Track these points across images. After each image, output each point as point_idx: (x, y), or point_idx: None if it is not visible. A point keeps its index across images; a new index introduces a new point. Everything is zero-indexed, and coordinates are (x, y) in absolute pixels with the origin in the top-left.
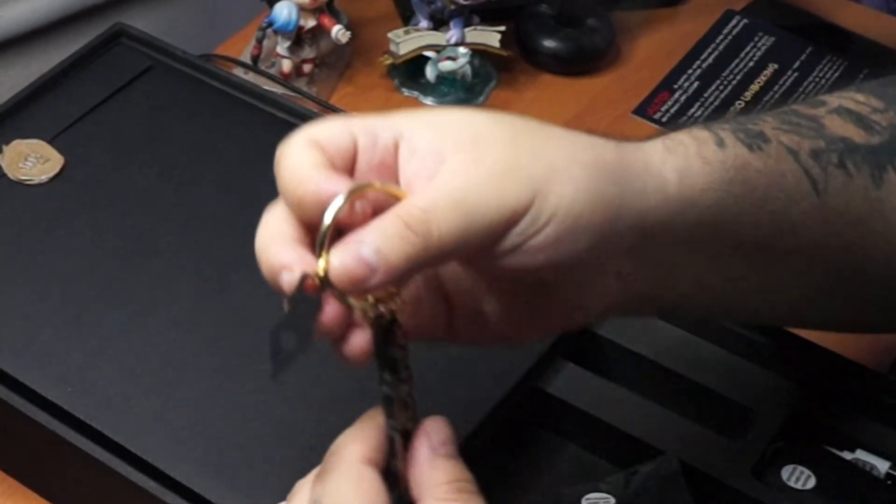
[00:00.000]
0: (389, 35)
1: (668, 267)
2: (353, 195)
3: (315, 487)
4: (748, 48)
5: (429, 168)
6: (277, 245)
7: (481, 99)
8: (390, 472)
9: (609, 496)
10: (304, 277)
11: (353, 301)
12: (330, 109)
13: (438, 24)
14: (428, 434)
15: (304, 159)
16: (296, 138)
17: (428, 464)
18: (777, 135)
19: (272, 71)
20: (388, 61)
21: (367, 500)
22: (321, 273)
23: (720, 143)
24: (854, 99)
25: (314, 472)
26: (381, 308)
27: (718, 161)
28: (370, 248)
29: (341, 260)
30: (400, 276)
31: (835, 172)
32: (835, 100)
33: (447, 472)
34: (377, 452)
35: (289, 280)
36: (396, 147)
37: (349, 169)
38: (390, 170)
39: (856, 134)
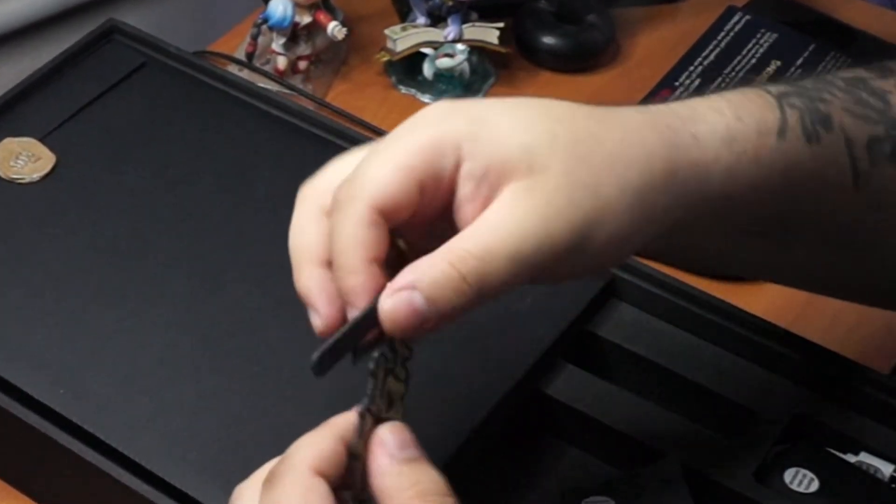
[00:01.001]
0: (386, 31)
1: (690, 246)
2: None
3: (264, 494)
4: (750, 45)
5: (483, 194)
6: (311, 268)
7: (479, 96)
8: (348, 476)
9: (609, 499)
10: None
11: None
12: (325, 107)
13: (436, 20)
14: (383, 442)
15: (360, 246)
16: (359, 204)
17: (389, 472)
18: (842, 118)
19: (267, 68)
20: (385, 58)
21: None
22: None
23: (781, 134)
24: None
25: (258, 474)
26: None
27: (771, 160)
28: (422, 298)
29: (393, 307)
30: (449, 321)
31: (883, 164)
32: None
33: (409, 478)
34: (329, 464)
35: (316, 325)
36: (458, 168)
37: (414, 214)
38: (451, 190)
39: None
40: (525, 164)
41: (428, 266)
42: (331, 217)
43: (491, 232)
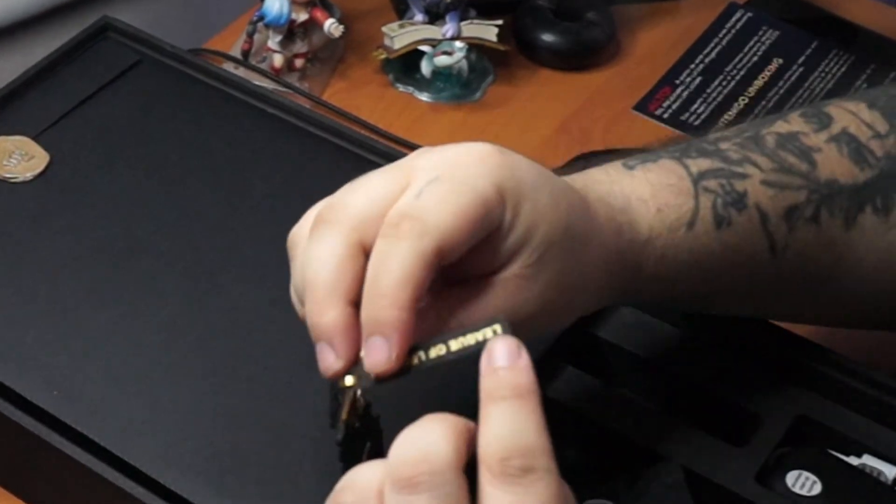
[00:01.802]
0: (384, 29)
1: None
2: None
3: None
4: (752, 42)
5: (499, 262)
6: (342, 306)
7: (478, 95)
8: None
9: (610, 502)
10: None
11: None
12: (322, 105)
13: (434, 17)
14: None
15: (413, 284)
16: (427, 242)
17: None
18: (758, 195)
19: (263, 66)
20: (383, 56)
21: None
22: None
23: (690, 226)
24: (860, 119)
25: (364, 477)
26: None
27: (679, 252)
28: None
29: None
30: None
31: (803, 229)
32: (843, 117)
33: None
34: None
35: (329, 363)
36: (499, 226)
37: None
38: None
39: (845, 172)
40: (539, 255)
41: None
42: (378, 244)
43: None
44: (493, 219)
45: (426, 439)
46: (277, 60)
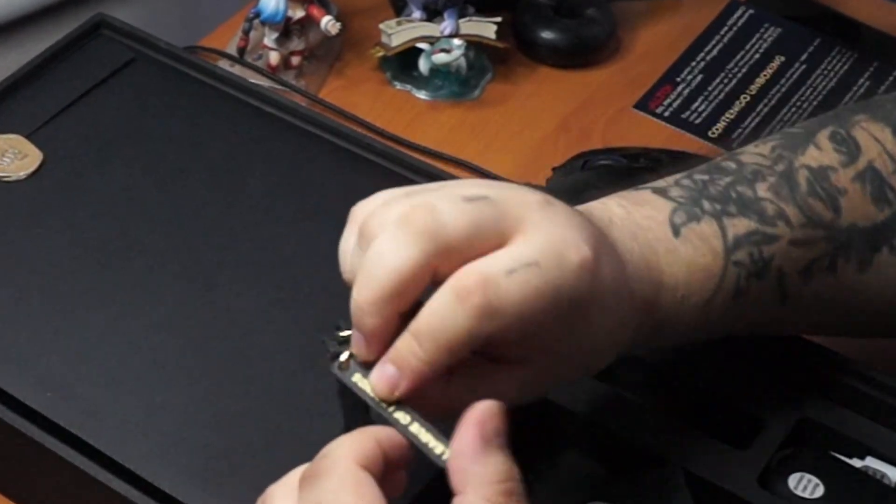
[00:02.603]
0: (381, 26)
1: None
2: None
3: (306, 491)
4: (754, 40)
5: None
6: (378, 312)
7: (476, 93)
8: None
9: None
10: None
11: None
12: (319, 104)
13: (432, 14)
14: (482, 421)
15: (445, 352)
16: (483, 320)
17: (481, 455)
18: (783, 257)
19: (259, 63)
20: (380, 53)
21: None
22: None
23: (709, 302)
24: (885, 149)
25: (292, 476)
26: None
27: (697, 320)
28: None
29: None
30: None
31: (818, 279)
32: (870, 147)
33: (501, 469)
34: (370, 461)
35: (362, 350)
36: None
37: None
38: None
39: (866, 214)
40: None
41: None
42: (446, 296)
43: (508, 398)
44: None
45: (329, 445)
46: (274, 58)
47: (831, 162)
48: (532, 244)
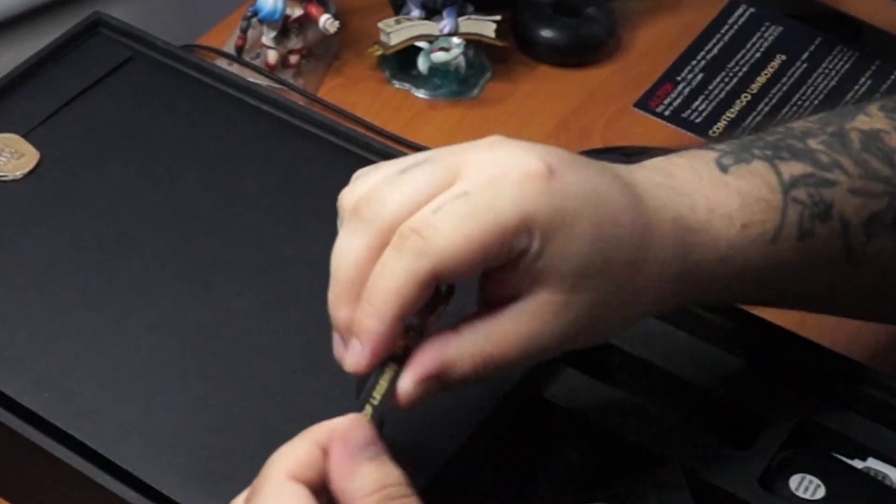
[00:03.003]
0: (380, 25)
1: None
2: None
3: None
4: (754, 38)
5: (522, 285)
6: (345, 303)
7: (476, 92)
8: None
9: None
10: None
11: None
12: (317, 103)
13: (431, 13)
14: (346, 438)
15: (401, 301)
16: (423, 263)
17: (350, 472)
18: (843, 205)
19: (257, 62)
20: (379, 52)
21: None
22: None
23: (774, 241)
24: None
25: (243, 494)
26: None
27: (758, 266)
28: (440, 385)
29: (416, 394)
30: None
31: (881, 236)
32: None
33: (373, 479)
34: (306, 468)
35: (356, 360)
36: (523, 253)
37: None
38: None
39: None
40: (570, 286)
41: (458, 361)
42: (385, 251)
43: (517, 343)
44: (512, 247)
45: (270, 458)
46: (272, 57)
47: (883, 126)
48: (464, 179)
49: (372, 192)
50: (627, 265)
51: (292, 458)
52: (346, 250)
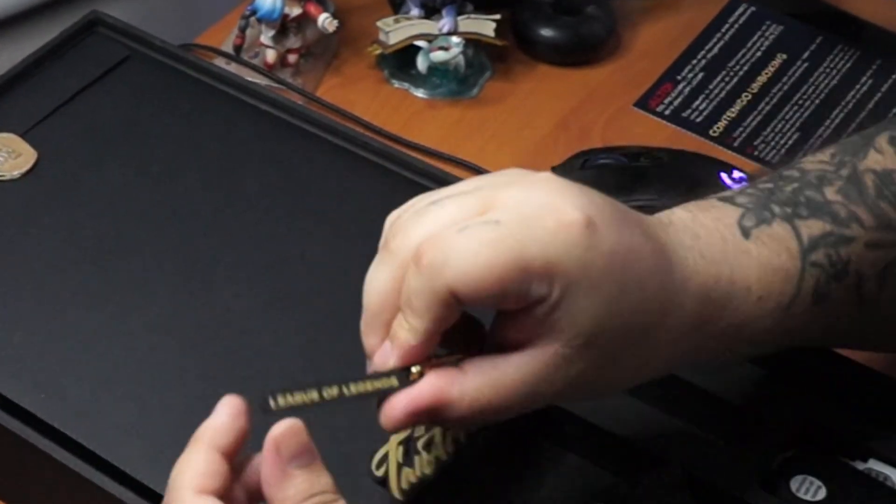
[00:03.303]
0: (378, 24)
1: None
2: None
3: None
4: (755, 37)
5: (535, 333)
6: (372, 331)
7: (475, 91)
8: None
9: None
10: None
11: None
12: (316, 102)
13: (430, 12)
14: (278, 447)
15: (426, 316)
16: (438, 279)
17: (280, 481)
18: (860, 259)
19: (255, 61)
20: (378, 51)
21: None
22: None
23: (788, 308)
24: None
25: None
26: None
27: (771, 333)
28: (430, 418)
29: (402, 422)
30: None
31: (892, 283)
32: None
33: (302, 488)
34: (211, 479)
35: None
36: (536, 303)
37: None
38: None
39: None
40: (583, 343)
41: (457, 402)
42: (410, 266)
43: (517, 392)
44: (531, 291)
45: (173, 472)
46: (270, 56)
47: (895, 165)
48: (498, 210)
49: (400, 223)
50: (643, 331)
51: (196, 472)
52: (374, 280)
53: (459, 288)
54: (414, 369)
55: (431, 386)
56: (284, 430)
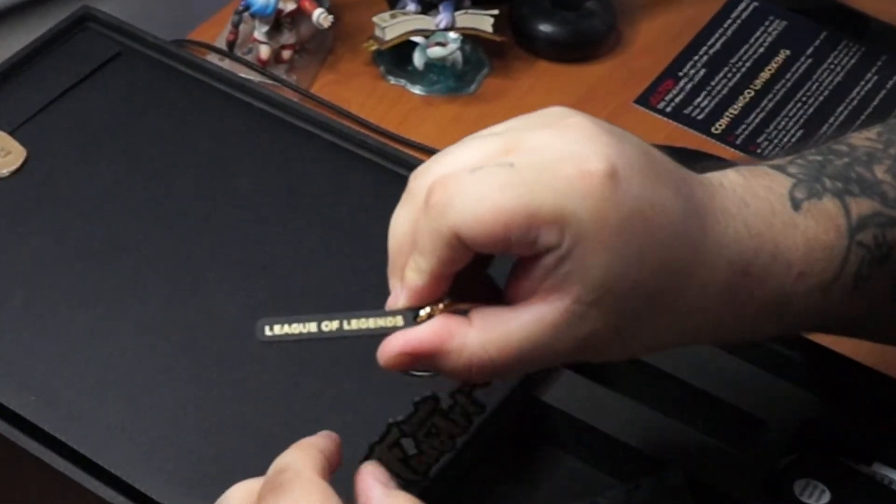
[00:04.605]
0: (374, 19)
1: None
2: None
3: (270, 499)
4: (758, 33)
5: (545, 287)
6: (394, 272)
7: (473, 87)
8: None
9: None
10: None
11: None
12: (310, 99)
13: (427, 7)
14: (374, 474)
15: (433, 257)
16: (443, 220)
17: (386, 498)
18: None
19: (249, 57)
20: (374, 47)
21: None
22: None
23: (827, 290)
24: None
25: (253, 484)
26: None
27: (813, 311)
28: (427, 363)
29: (397, 363)
30: None
31: None
32: None
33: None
34: (325, 472)
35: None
36: (545, 252)
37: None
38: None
39: None
40: (594, 300)
41: (455, 353)
42: (421, 209)
43: (523, 350)
44: (539, 240)
45: (283, 458)
46: (264, 52)
47: None
48: (520, 152)
49: (425, 164)
50: (663, 294)
51: (313, 458)
52: (394, 222)
53: (463, 230)
54: (423, 312)
55: (433, 331)
56: (368, 465)
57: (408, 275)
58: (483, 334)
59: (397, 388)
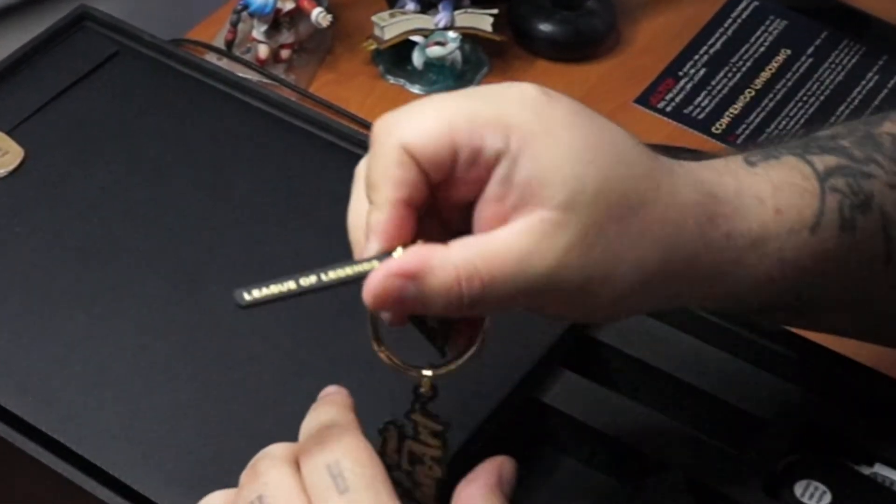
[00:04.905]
0: (374, 18)
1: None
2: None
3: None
4: (759, 32)
5: (510, 203)
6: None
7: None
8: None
9: None
10: None
11: None
12: (309, 98)
13: (426, 6)
14: (497, 467)
15: (388, 182)
16: (392, 140)
17: (486, 494)
18: (883, 198)
19: (247, 57)
20: (373, 47)
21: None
22: None
23: (814, 229)
24: None
25: (286, 450)
26: None
27: (796, 257)
28: (416, 293)
29: (385, 290)
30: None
31: None
32: None
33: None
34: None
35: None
36: (496, 161)
37: (442, 178)
38: (482, 181)
39: None
40: (563, 201)
41: (439, 267)
42: (365, 159)
43: (506, 261)
44: (484, 144)
45: (327, 413)
46: (262, 51)
47: None
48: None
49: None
50: (632, 201)
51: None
52: (349, 209)
53: (409, 140)
54: (395, 253)
55: (411, 253)
56: (506, 460)
57: (370, 218)
58: (464, 250)
59: (397, 387)
